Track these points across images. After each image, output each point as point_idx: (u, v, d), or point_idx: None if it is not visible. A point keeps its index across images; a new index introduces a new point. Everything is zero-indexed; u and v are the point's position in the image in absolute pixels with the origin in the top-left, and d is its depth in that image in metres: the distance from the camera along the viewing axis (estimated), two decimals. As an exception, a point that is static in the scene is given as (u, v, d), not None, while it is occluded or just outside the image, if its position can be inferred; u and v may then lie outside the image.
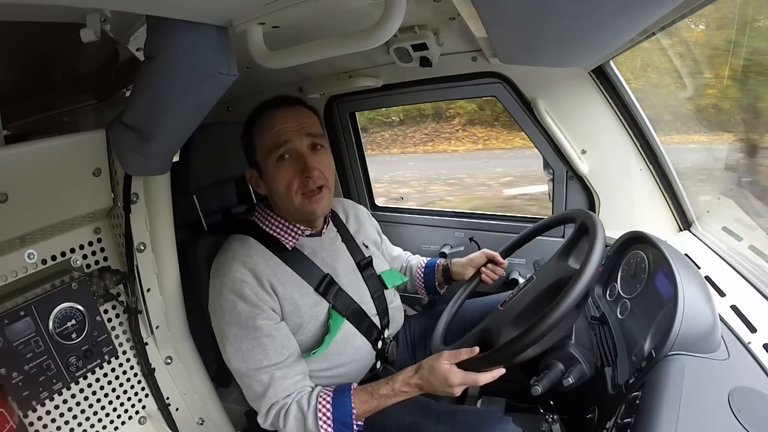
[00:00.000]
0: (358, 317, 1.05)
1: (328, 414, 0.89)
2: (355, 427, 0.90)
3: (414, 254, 1.38)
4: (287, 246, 1.02)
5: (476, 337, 0.93)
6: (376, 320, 1.09)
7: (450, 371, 0.83)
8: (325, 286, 1.01)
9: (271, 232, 1.03)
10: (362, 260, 1.12)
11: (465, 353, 0.84)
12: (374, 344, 1.08)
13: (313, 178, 0.96)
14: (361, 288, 1.09)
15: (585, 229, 0.90)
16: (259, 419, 0.94)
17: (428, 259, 1.32)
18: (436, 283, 1.27)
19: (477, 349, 0.85)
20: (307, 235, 1.05)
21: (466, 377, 0.83)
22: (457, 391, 0.85)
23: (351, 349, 1.03)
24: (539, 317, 0.75)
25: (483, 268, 1.18)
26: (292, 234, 1.03)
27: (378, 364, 1.11)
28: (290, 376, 0.92)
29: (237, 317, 0.92)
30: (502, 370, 0.83)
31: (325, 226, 1.10)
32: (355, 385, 0.93)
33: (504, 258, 1.18)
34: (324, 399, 0.90)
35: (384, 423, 0.93)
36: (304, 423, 0.89)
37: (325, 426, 0.88)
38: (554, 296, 0.77)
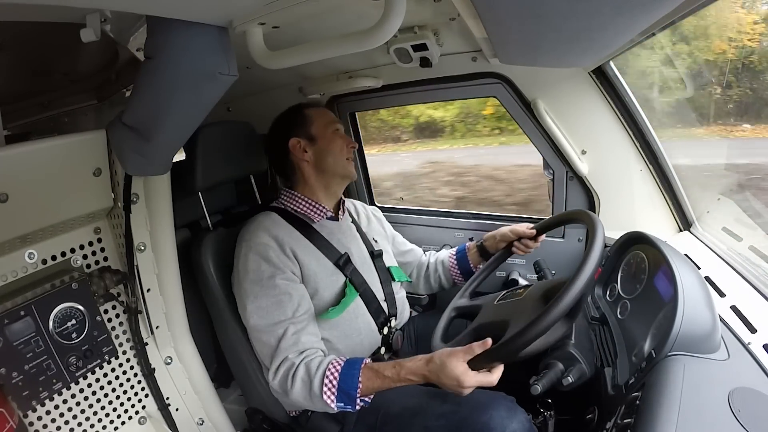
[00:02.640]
0: (368, 297, 1.13)
1: (335, 382, 0.91)
2: (358, 401, 0.91)
3: None
4: (314, 220, 1.15)
5: (472, 335, 0.92)
6: (384, 306, 1.16)
7: (465, 373, 0.81)
8: (343, 262, 1.11)
9: (298, 209, 1.15)
10: (374, 251, 1.22)
11: (478, 347, 0.82)
12: (380, 328, 1.14)
13: (352, 149, 1.21)
14: (372, 274, 1.17)
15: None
16: (269, 377, 0.99)
17: (455, 248, 1.37)
18: (471, 265, 1.31)
19: (489, 341, 0.82)
20: (327, 218, 1.17)
21: (482, 378, 0.81)
22: (467, 392, 0.83)
23: (360, 323, 1.10)
24: (546, 307, 0.74)
25: (516, 243, 1.22)
26: (318, 211, 1.16)
27: (382, 350, 1.15)
28: (303, 333, 0.98)
29: (259, 276, 1.01)
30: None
31: (341, 213, 1.22)
32: (367, 360, 0.93)
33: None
34: (333, 367, 0.93)
35: (389, 406, 0.96)
36: (309, 386, 0.92)
37: (329, 392, 0.91)
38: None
